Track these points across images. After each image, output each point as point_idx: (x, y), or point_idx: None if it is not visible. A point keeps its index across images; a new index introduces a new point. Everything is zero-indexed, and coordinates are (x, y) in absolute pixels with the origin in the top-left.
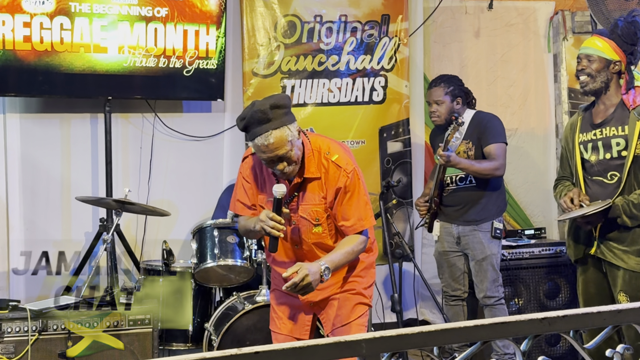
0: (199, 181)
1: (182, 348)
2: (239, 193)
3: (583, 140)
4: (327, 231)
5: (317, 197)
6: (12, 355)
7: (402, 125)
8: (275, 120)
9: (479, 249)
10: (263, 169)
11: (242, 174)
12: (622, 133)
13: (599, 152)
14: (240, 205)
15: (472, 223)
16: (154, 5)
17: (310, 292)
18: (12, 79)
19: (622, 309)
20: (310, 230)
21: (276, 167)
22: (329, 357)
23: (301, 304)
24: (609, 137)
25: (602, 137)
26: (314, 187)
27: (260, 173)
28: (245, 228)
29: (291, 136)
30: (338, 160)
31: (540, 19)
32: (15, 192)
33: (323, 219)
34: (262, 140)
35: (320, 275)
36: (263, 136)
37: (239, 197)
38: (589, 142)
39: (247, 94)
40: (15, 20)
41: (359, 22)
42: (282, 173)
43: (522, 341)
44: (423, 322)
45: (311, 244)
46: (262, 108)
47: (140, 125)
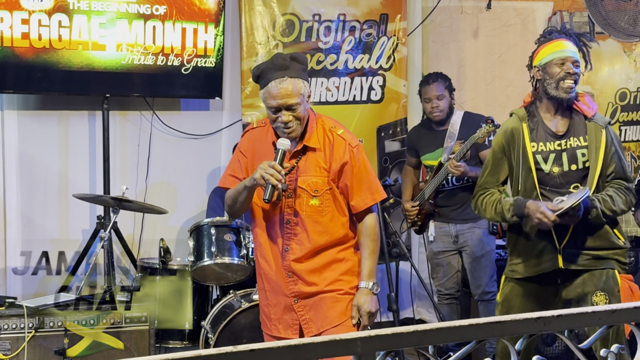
0: (197, 179)
1: (179, 346)
2: (233, 167)
3: (541, 151)
4: (323, 206)
5: (318, 169)
6: (8, 352)
7: (400, 124)
8: (293, 71)
9: (478, 245)
10: (264, 144)
11: (239, 148)
12: (585, 143)
13: (562, 164)
14: (232, 179)
15: (469, 220)
16: (153, 3)
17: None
18: (10, 76)
19: (617, 309)
20: (307, 202)
21: (281, 119)
22: (324, 356)
23: (289, 304)
24: (574, 148)
25: (567, 147)
26: (314, 158)
27: (260, 148)
28: (236, 190)
29: (304, 90)
30: (343, 135)
31: (538, 20)
32: (13, 189)
33: (322, 191)
34: (276, 84)
35: (373, 294)
36: (278, 80)
37: (231, 171)
38: (552, 153)
39: (245, 92)
40: (13, 17)
41: (357, 21)
42: (285, 126)
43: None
44: (420, 321)
45: (304, 218)
46: (283, 56)
47: (138, 123)
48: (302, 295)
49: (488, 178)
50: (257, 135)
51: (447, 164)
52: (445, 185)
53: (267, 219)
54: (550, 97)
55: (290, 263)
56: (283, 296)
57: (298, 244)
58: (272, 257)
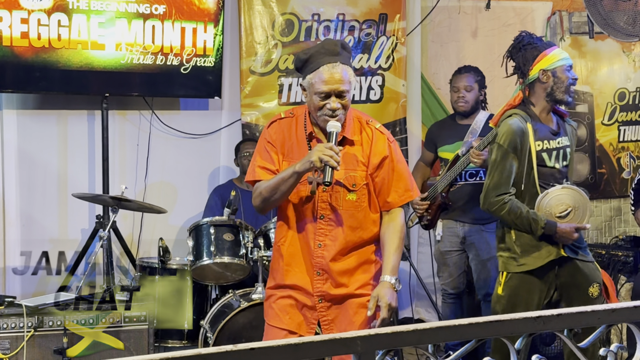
0: (196, 179)
1: (178, 345)
2: (262, 159)
3: (546, 149)
4: (360, 201)
5: (357, 163)
6: (7, 351)
7: (399, 124)
8: (344, 57)
9: (485, 249)
10: (292, 134)
11: (266, 138)
12: (568, 142)
13: (559, 160)
14: (263, 171)
15: (478, 223)
16: (152, 3)
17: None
18: (9, 75)
19: (617, 308)
20: (344, 197)
21: (330, 105)
22: (324, 354)
23: (311, 302)
24: (565, 146)
25: (560, 146)
26: (353, 152)
27: (289, 138)
28: (279, 179)
29: (352, 78)
30: (381, 129)
31: (537, 20)
32: (12, 188)
33: (359, 186)
34: (328, 69)
35: (394, 289)
36: (330, 65)
37: (260, 163)
38: (553, 151)
39: (245, 91)
40: (12, 17)
41: (356, 20)
42: (333, 114)
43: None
44: (418, 320)
45: (341, 213)
46: (334, 41)
47: (137, 122)
48: (329, 297)
49: (502, 180)
50: (285, 125)
51: (470, 152)
52: (458, 180)
53: (298, 213)
54: (555, 99)
55: (323, 260)
56: (306, 294)
57: (332, 240)
58: (300, 254)
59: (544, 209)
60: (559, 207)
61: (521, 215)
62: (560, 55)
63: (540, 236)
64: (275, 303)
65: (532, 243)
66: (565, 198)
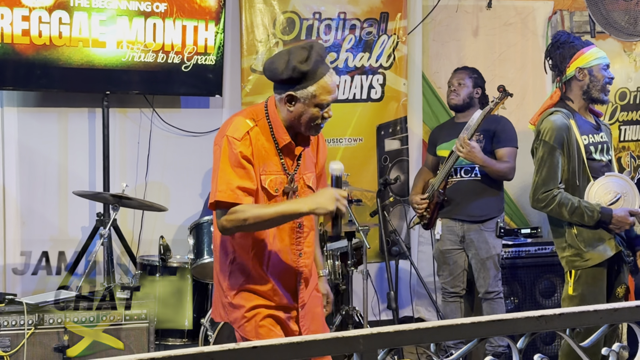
0: (196, 177)
1: (178, 344)
2: (238, 178)
3: (593, 142)
4: None
5: (311, 163)
6: (7, 349)
7: (399, 123)
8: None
9: (484, 248)
10: (261, 145)
11: (242, 153)
12: (606, 139)
13: (604, 154)
14: (242, 193)
15: (476, 221)
16: (153, 1)
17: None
18: (10, 73)
19: (618, 307)
20: None
21: (329, 114)
22: (326, 353)
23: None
24: (606, 142)
25: (603, 140)
26: (307, 153)
27: (260, 149)
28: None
29: None
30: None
31: (538, 19)
32: (13, 186)
33: (314, 186)
34: (330, 77)
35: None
36: (329, 73)
37: (238, 183)
38: (599, 144)
39: (245, 90)
40: (14, 14)
41: (357, 19)
42: (323, 122)
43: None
44: (419, 319)
45: (313, 217)
46: (321, 45)
47: (138, 120)
48: (305, 303)
49: (550, 176)
50: (254, 136)
51: (456, 140)
52: (453, 175)
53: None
54: (591, 98)
55: (305, 269)
56: (287, 308)
57: (309, 247)
58: (283, 267)
59: (593, 200)
60: (607, 196)
61: (572, 205)
62: (597, 54)
63: (595, 225)
64: (264, 321)
65: (596, 237)
66: (611, 185)
